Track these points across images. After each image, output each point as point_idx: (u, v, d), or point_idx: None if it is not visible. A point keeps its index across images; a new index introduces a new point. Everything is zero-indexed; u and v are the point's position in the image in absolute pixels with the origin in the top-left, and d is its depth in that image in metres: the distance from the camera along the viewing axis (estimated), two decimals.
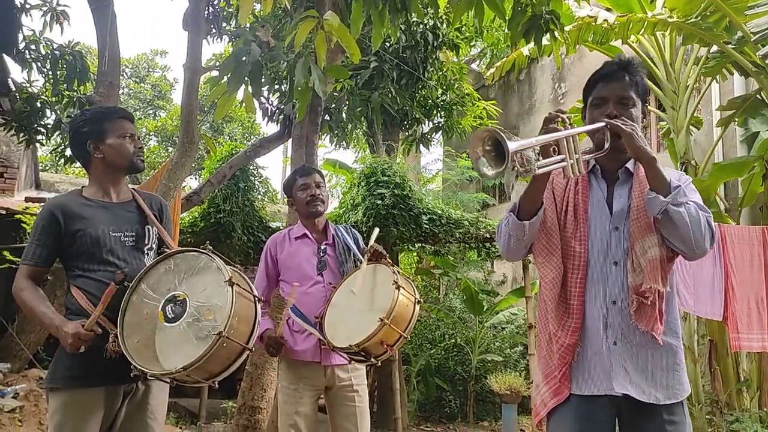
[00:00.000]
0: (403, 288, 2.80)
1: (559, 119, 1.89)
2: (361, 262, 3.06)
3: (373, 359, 2.79)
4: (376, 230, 3.49)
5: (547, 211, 2.05)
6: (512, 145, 1.67)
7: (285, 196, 3.44)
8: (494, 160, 1.74)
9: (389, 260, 3.02)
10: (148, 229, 2.49)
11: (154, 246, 2.52)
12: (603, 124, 1.99)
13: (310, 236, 3.24)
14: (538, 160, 1.82)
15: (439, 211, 7.63)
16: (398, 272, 2.86)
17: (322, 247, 3.22)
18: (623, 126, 1.94)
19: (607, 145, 2.01)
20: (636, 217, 1.97)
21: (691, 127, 6.78)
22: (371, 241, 3.14)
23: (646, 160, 1.93)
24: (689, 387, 2.02)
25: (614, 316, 1.96)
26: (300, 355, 3.06)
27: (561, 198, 2.07)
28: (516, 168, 1.73)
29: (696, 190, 2.03)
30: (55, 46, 6.21)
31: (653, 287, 1.90)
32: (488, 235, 7.78)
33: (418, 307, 2.86)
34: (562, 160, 1.84)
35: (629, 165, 2.09)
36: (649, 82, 7.37)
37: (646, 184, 1.98)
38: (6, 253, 5.98)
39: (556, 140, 1.84)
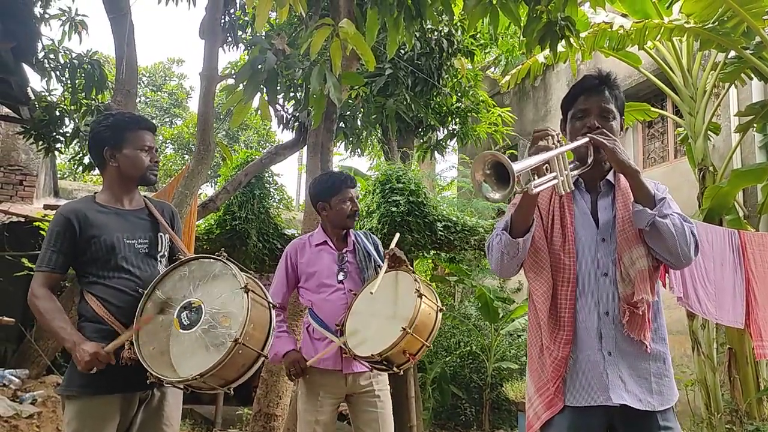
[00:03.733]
0: (425, 296, 2.77)
1: (549, 136, 1.91)
2: (380, 268, 3.04)
3: (395, 368, 2.76)
4: (397, 235, 3.48)
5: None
6: (516, 167, 1.67)
7: (317, 198, 3.28)
8: (496, 184, 1.75)
9: (409, 267, 2.98)
10: (161, 236, 2.50)
11: (166, 253, 2.52)
12: (587, 140, 2.01)
13: (330, 243, 3.23)
14: (533, 178, 1.83)
15: (454, 218, 7.60)
16: (419, 280, 2.83)
17: (343, 255, 3.21)
18: (605, 141, 1.98)
19: (590, 160, 2.05)
20: (622, 228, 2.01)
21: (709, 132, 6.71)
22: (392, 245, 3.12)
23: (630, 173, 1.98)
24: (677, 392, 2.04)
25: (607, 327, 1.98)
26: (320, 363, 3.04)
27: (546, 212, 2.09)
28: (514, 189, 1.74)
29: (674, 200, 2.05)
30: (73, 55, 6.30)
31: (644, 297, 1.94)
32: None
33: (440, 315, 2.83)
34: (554, 178, 1.86)
35: (609, 176, 2.12)
36: (666, 88, 7.37)
37: (628, 194, 2.03)
38: (25, 260, 6.05)
39: (543, 162, 1.85)
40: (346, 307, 3.00)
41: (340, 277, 3.14)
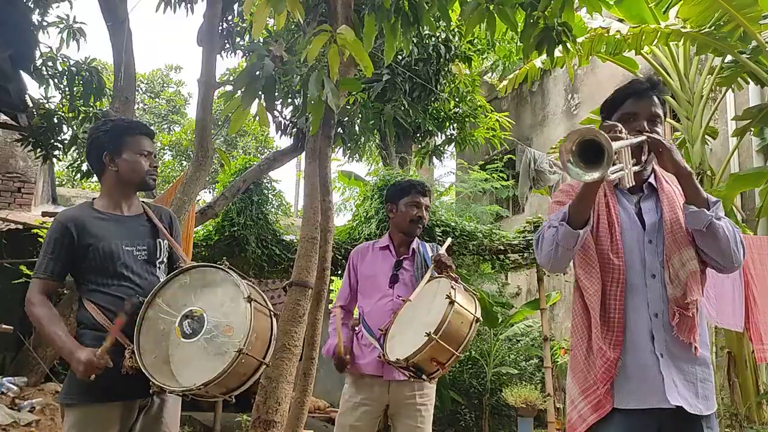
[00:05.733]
0: (459, 304, 2.67)
1: (617, 129, 1.91)
2: (432, 277, 3.01)
3: (424, 377, 2.70)
4: (449, 240, 3.45)
5: None
6: (614, 146, 1.68)
7: (387, 200, 3.35)
8: (585, 164, 1.74)
9: (452, 273, 2.93)
10: (160, 242, 2.48)
11: (165, 259, 2.51)
12: (644, 138, 2.00)
13: (391, 248, 3.24)
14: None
15: (453, 224, 7.60)
16: (456, 287, 2.75)
17: (400, 261, 3.19)
18: (664, 142, 1.98)
19: (644, 158, 2.05)
20: (671, 230, 2.00)
21: (706, 136, 6.73)
22: (441, 250, 3.08)
23: (685, 174, 1.97)
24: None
25: (658, 329, 1.96)
26: (363, 368, 3.07)
27: (592, 212, 2.06)
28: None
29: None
30: (71, 62, 6.31)
31: (696, 299, 1.94)
32: (502, 247, 7.73)
33: (476, 325, 2.72)
34: (621, 169, 1.85)
35: (651, 179, 2.12)
36: None
37: (673, 197, 2.03)
38: (23, 267, 6.04)
39: (618, 150, 1.85)
40: (393, 313, 2.98)
41: (391, 282, 3.13)
